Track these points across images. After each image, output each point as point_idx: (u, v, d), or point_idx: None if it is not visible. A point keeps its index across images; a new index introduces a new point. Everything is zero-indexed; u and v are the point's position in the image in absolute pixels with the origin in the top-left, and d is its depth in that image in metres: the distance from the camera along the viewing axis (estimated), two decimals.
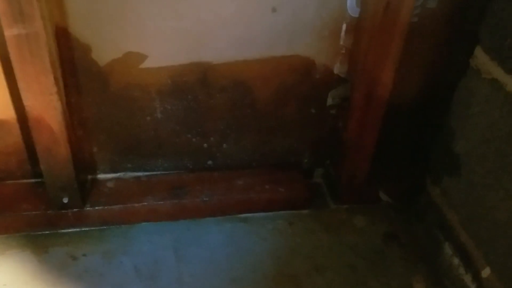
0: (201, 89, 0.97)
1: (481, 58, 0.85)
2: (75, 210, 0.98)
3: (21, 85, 0.80)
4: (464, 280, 0.90)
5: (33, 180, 1.01)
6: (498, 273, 0.82)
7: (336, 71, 1.00)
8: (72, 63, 0.88)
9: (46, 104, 0.82)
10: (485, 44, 0.85)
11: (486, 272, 0.85)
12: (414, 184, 1.09)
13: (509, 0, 0.80)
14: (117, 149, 1.03)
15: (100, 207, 0.99)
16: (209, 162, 1.09)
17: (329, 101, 1.04)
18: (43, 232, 0.99)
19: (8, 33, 0.75)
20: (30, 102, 0.82)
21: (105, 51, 0.89)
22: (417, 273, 0.98)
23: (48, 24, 0.78)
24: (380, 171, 1.09)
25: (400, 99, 1.01)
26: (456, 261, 0.93)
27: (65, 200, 0.95)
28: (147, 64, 0.91)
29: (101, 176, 1.05)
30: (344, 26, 0.94)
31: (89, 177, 1.04)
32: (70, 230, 1.00)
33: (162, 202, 1.02)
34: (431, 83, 1.00)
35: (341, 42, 0.96)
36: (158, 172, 1.08)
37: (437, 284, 0.96)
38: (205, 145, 1.06)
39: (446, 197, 0.98)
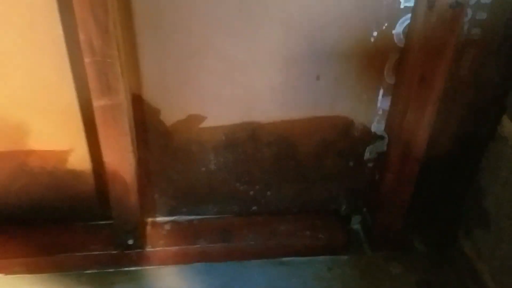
0: (250, 144, 1.08)
1: (507, 127, 0.92)
2: (138, 250, 1.08)
3: (103, 145, 0.92)
4: None
5: (101, 222, 1.13)
6: None
7: (373, 129, 1.09)
8: (144, 124, 1.00)
9: (122, 160, 0.94)
10: (511, 115, 0.92)
11: None
12: (447, 234, 1.14)
13: None
14: (175, 195, 1.13)
15: (159, 248, 1.09)
16: (254, 208, 1.18)
17: (367, 155, 1.13)
18: (109, 270, 1.09)
19: (96, 104, 0.86)
20: (109, 158, 0.93)
21: (171, 113, 1.01)
22: None
23: (128, 94, 0.91)
24: (415, 221, 1.15)
25: (433, 155, 1.09)
26: None
27: (130, 242, 1.06)
28: (205, 124, 1.03)
29: (159, 219, 1.16)
30: (381, 91, 1.04)
31: (150, 220, 1.15)
32: (131, 269, 1.10)
33: (212, 245, 1.12)
34: (462, 143, 1.08)
35: (378, 105, 1.06)
36: (209, 216, 1.18)
37: None
38: (251, 192, 1.16)
39: (477, 250, 1.03)
